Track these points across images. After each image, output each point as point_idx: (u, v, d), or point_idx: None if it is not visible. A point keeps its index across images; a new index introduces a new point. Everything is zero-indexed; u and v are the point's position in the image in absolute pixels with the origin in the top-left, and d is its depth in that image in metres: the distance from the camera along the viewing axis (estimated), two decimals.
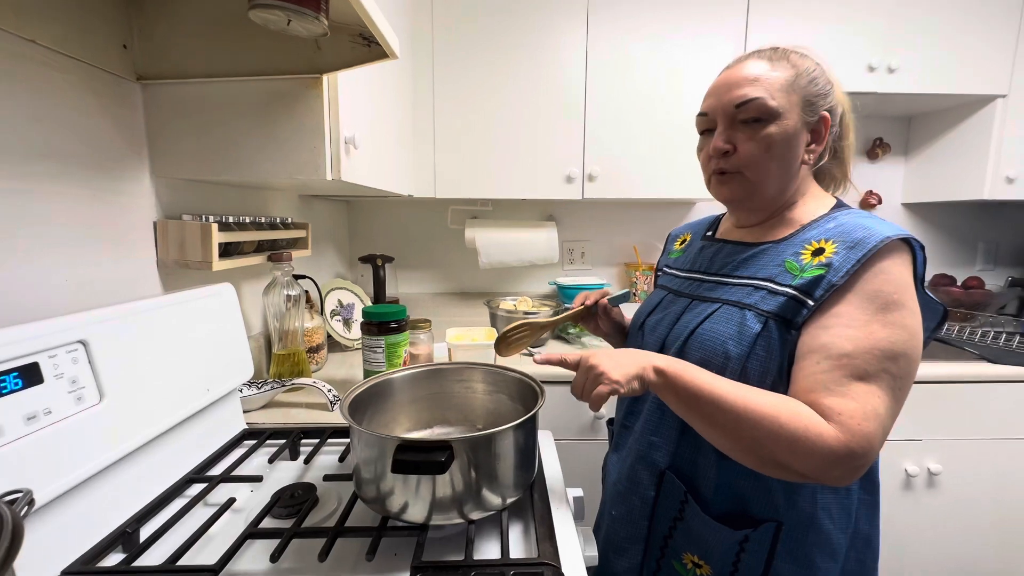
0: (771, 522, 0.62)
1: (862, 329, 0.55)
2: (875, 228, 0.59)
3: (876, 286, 0.56)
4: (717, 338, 0.63)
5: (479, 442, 0.55)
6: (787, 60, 0.65)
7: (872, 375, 0.54)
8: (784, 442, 0.53)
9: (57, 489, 0.49)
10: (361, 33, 0.70)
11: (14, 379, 0.47)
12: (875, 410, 0.53)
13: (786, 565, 0.62)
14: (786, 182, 0.66)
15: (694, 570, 0.67)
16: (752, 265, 0.67)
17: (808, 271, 0.60)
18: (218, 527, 0.59)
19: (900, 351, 0.55)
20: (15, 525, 0.25)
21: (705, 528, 0.64)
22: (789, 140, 0.63)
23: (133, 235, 0.79)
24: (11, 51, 0.59)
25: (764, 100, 0.62)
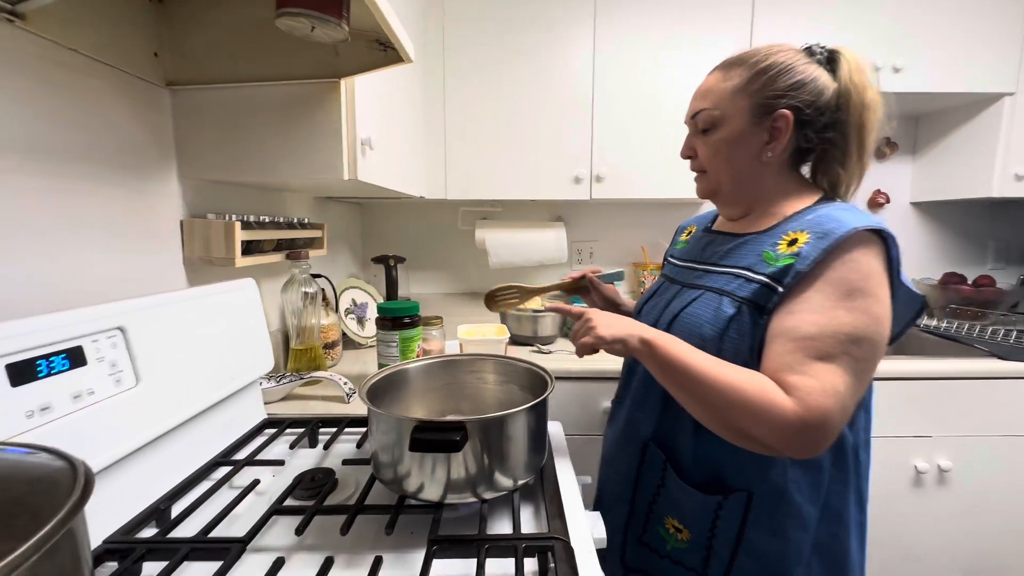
0: (743, 492, 0.66)
1: (826, 314, 0.58)
2: (846, 219, 0.61)
3: (842, 274, 0.59)
4: (695, 321, 0.68)
5: (491, 424, 0.58)
6: (743, 65, 0.69)
7: (834, 356, 0.57)
8: (746, 411, 0.58)
9: (98, 464, 0.53)
10: (378, 39, 0.74)
11: (62, 360, 0.51)
12: (834, 388, 0.56)
13: (758, 533, 0.66)
14: (746, 180, 0.71)
15: (675, 534, 0.72)
16: (735, 255, 0.71)
17: (780, 260, 0.63)
18: (243, 507, 0.63)
19: (862, 335, 0.58)
20: (87, 472, 0.28)
21: (683, 494, 0.70)
22: (734, 142, 0.69)
23: (161, 232, 0.83)
24: (55, 59, 0.63)
25: (708, 111, 0.71)
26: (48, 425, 0.48)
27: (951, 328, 1.58)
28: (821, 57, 0.69)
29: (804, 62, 0.67)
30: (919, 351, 1.60)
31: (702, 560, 0.70)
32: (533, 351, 1.39)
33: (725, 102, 0.69)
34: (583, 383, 1.23)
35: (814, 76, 0.67)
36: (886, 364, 1.28)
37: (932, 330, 1.61)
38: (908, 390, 1.28)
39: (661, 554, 0.74)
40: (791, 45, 0.70)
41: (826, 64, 0.69)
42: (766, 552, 0.66)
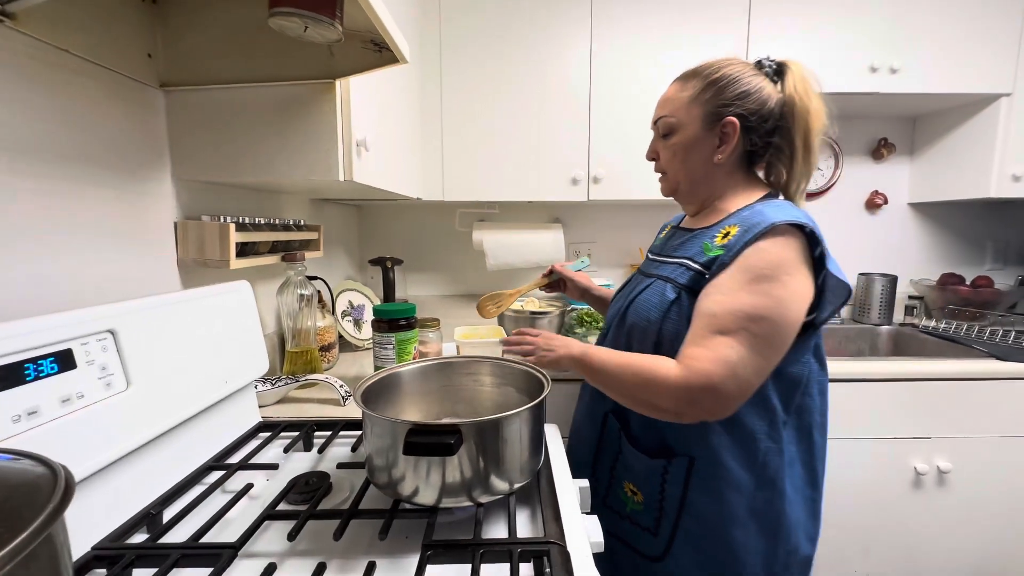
0: (684, 456, 0.75)
1: (730, 295, 0.67)
2: (770, 215, 0.69)
3: (751, 262, 0.67)
4: (645, 306, 0.79)
5: (487, 427, 0.57)
6: (698, 77, 0.78)
7: (731, 331, 0.65)
8: (643, 386, 0.69)
9: (88, 469, 0.52)
10: (373, 39, 0.74)
11: (51, 363, 0.50)
12: (724, 357, 0.64)
13: (698, 495, 0.75)
14: (700, 179, 0.81)
15: (632, 496, 0.82)
16: (685, 247, 0.81)
17: (712, 251, 0.72)
18: (236, 511, 0.62)
19: (762, 315, 0.65)
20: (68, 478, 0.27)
21: (635, 459, 0.80)
22: (689, 146, 0.79)
23: (155, 234, 0.82)
24: (47, 60, 0.63)
25: (666, 118, 0.80)
26: (35, 430, 0.47)
27: (949, 329, 1.58)
28: (769, 69, 0.77)
29: (751, 74, 0.76)
30: (918, 352, 1.59)
31: (655, 520, 0.79)
32: None
33: (681, 110, 0.79)
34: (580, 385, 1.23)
35: (759, 87, 0.75)
36: (883, 365, 1.28)
37: (930, 331, 1.61)
38: (907, 391, 1.28)
39: (622, 515, 0.83)
40: (742, 59, 0.79)
41: (774, 76, 0.77)
42: (705, 513, 0.74)
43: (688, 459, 0.74)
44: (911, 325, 1.71)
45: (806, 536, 0.78)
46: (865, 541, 1.33)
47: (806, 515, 0.78)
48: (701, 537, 0.75)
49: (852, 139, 1.86)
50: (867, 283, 1.77)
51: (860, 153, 1.87)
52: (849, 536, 1.33)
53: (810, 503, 0.78)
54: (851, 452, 1.29)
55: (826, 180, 1.86)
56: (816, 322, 0.70)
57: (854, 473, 1.30)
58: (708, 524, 0.74)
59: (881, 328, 1.74)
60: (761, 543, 0.75)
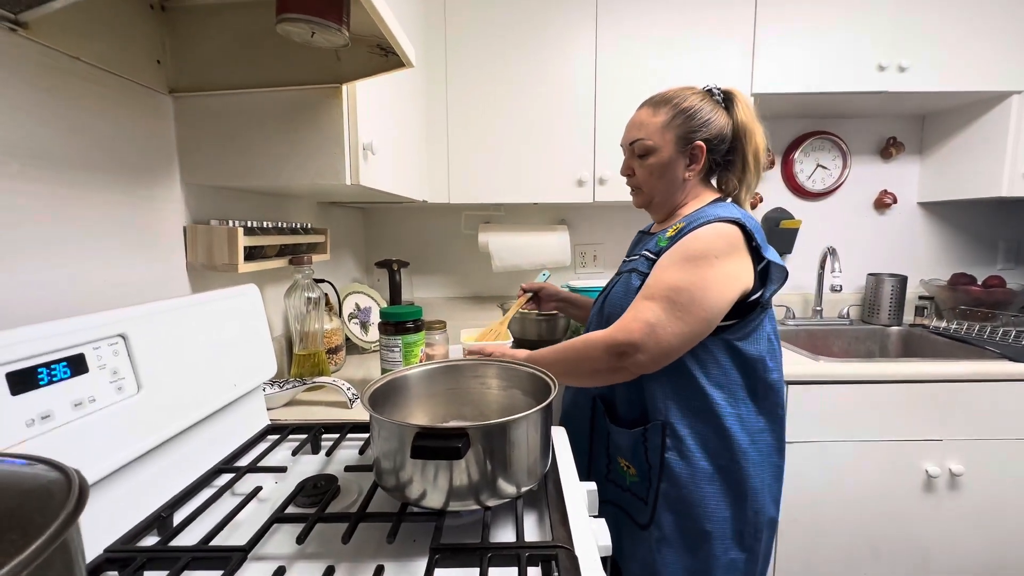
0: (658, 422, 0.85)
1: (661, 271, 0.81)
2: (711, 213, 0.83)
3: (684, 246, 0.80)
4: (616, 296, 0.90)
5: (494, 430, 0.57)
6: (668, 105, 0.89)
7: (655, 298, 0.78)
8: (581, 358, 0.82)
9: (99, 472, 0.53)
10: (379, 44, 0.74)
11: (63, 368, 0.50)
12: (643, 317, 0.78)
13: (673, 456, 0.84)
14: (671, 193, 0.92)
15: (627, 470, 0.91)
16: (646, 245, 0.93)
17: (663, 242, 0.86)
18: (245, 514, 0.62)
19: (684, 287, 0.77)
20: (82, 483, 0.27)
21: (619, 435, 0.91)
22: (665, 166, 0.89)
23: (164, 239, 0.83)
24: (57, 67, 0.63)
25: (643, 141, 0.90)
26: (49, 434, 0.48)
27: (961, 330, 1.56)
28: (719, 98, 0.90)
29: (709, 104, 0.88)
30: (929, 353, 1.58)
31: (647, 490, 0.88)
32: None
33: (656, 135, 0.89)
34: None
35: (717, 114, 0.88)
36: (894, 367, 1.27)
37: (942, 332, 1.59)
38: (917, 392, 1.26)
39: (624, 488, 0.92)
40: (697, 88, 0.91)
41: (723, 103, 0.90)
42: (680, 475, 0.83)
43: (661, 424, 0.84)
44: (922, 326, 1.69)
45: (772, 499, 0.87)
46: (875, 545, 1.32)
47: (772, 479, 0.86)
48: (677, 500, 0.84)
49: (860, 138, 1.84)
50: (876, 283, 1.76)
51: (868, 152, 1.86)
52: (859, 539, 1.31)
53: (776, 469, 0.88)
54: (861, 455, 1.28)
55: (834, 180, 1.85)
56: (761, 300, 0.82)
57: (864, 476, 1.29)
58: (681, 484, 0.83)
59: (891, 329, 1.72)
60: (729, 502, 0.83)
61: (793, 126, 1.84)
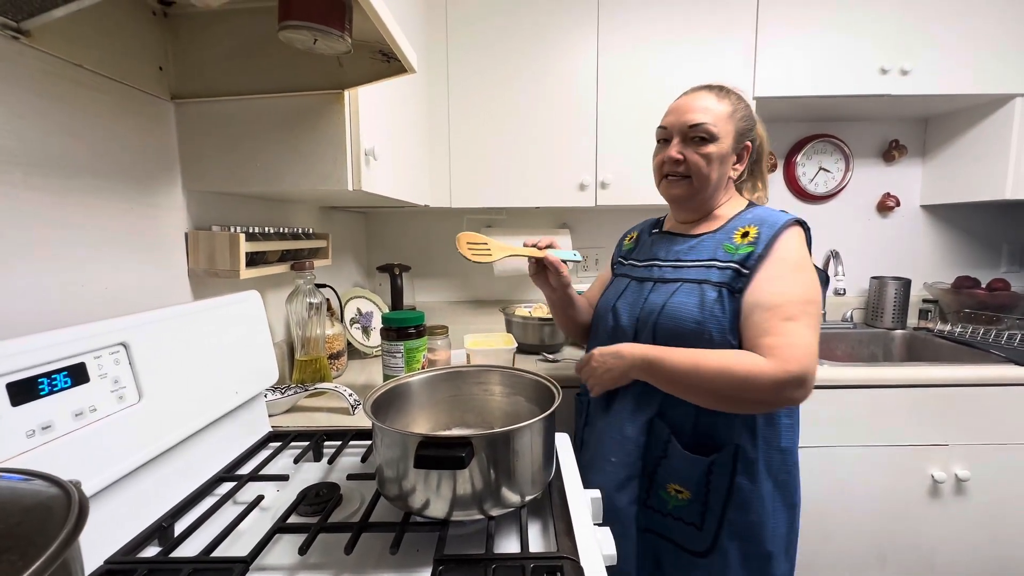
0: (731, 446, 0.80)
1: (779, 284, 0.77)
2: (780, 214, 0.84)
3: (784, 254, 0.79)
4: (683, 308, 0.82)
5: (498, 439, 0.57)
6: (729, 99, 0.87)
7: (796, 317, 0.75)
8: (740, 385, 0.74)
9: (101, 483, 0.52)
10: (381, 50, 0.74)
11: (64, 378, 0.50)
12: (801, 340, 0.74)
13: (742, 480, 0.80)
14: (717, 189, 0.89)
15: (676, 495, 0.85)
16: (697, 251, 0.88)
17: (741, 249, 0.82)
18: (247, 523, 0.62)
19: (810, 297, 0.77)
20: (81, 500, 0.27)
21: (683, 461, 0.83)
22: (723, 158, 0.86)
23: (166, 245, 0.83)
24: (60, 74, 0.63)
25: (710, 125, 0.84)
26: (49, 444, 0.47)
27: (965, 333, 1.55)
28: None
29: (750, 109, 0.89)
30: (933, 357, 1.57)
31: (700, 515, 0.83)
32: (540, 360, 1.38)
33: (721, 123, 0.85)
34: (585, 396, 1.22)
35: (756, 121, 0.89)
36: (898, 371, 1.26)
37: (946, 335, 1.58)
38: (922, 397, 1.25)
39: (664, 513, 0.86)
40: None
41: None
42: (748, 497, 0.80)
43: (734, 447, 0.80)
44: (925, 329, 1.69)
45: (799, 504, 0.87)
46: (882, 550, 1.31)
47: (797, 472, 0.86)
48: (744, 526, 0.80)
49: (863, 141, 1.84)
50: (880, 286, 1.75)
51: (871, 155, 1.85)
52: (866, 545, 1.30)
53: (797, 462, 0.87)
54: (867, 460, 1.27)
55: (836, 183, 1.84)
56: None
57: (870, 481, 1.28)
58: (750, 509, 0.80)
59: (895, 332, 1.71)
60: (783, 517, 0.83)
61: (795, 129, 1.84)
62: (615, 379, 0.85)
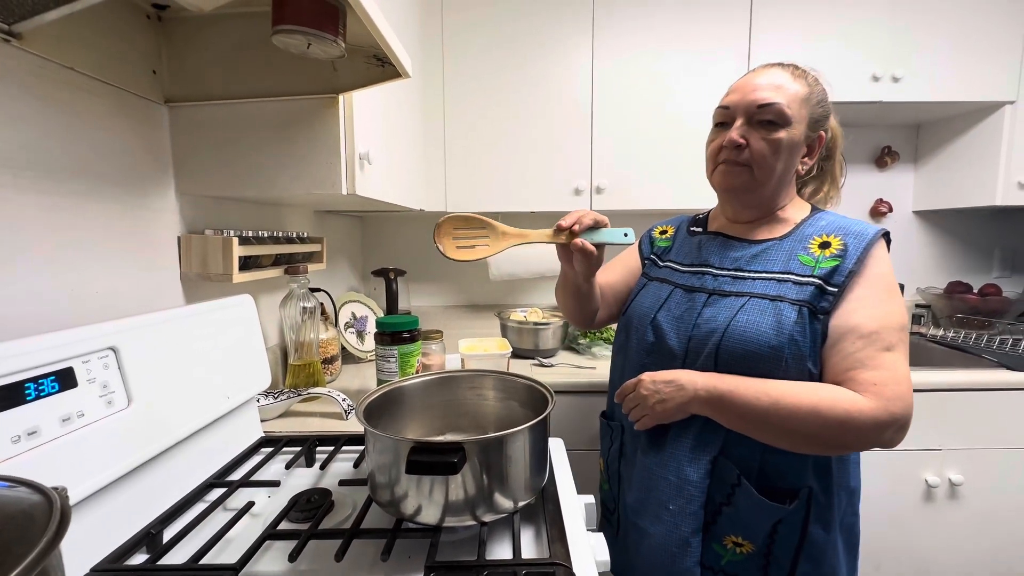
0: (804, 489, 0.69)
1: (880, 308, 0.66)
2: (863, 224, 0.72)
3: (879, 271, 0.68)
4: (755, 329, 0.68)
5: (491, 444, 0.56)
6: (805, 79, 0.73)
7: (894, 345, 0.65)
8: (835, 428, 0.62)
9: (88, 489, 0.51)
10: (375, 54, 0.74)
11: (51, 382, 0.49)
12: (904, 375, 0.65)
13: (816, 529, 0.69)
14: (783, 183, 0.76)
15: (734, 549, 0.71)
16: (764, 260, 0.74)
17: (824, 262, 0.69)
18: (237, 530, 0.61)
19: (904, 322, 0.67)
20: (63, 507, 0.27)
21: (753, 509, 0.69)
22: (793, 147, 0.73)
23: (158, 249, 0.82)
24: (52, 77, 0.63)
25: (783, 107, 0.70)
26: (35, 450, 0.47)
27: (958, 338, 1.56)
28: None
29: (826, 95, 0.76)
30: (926, 362, 1.57)
31: (760, 569, 0.70)
32: (534, 364, 1.37)
33: (795, 105, 0.71)
34: (584, 396, 1.22)
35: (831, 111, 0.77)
36: None
37: (939, 340, 1.59)
38: (917, 401, 1.24)
39: (716, 570, 0.72)
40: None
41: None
42: (820, 545, 0.69)
43: (808, 491, 0.69)
44: (918, 334, 1.69)
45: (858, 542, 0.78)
46: (876, 555, 1.31)
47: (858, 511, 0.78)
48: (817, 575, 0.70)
49: (855, 147, 1.85)
50: None
51: (863, 161, 1.87)
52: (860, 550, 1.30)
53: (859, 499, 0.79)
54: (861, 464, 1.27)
55: None
56: None
57: (864, 485, 1.27)
58: (823, 561, 0.70)
59: None
60: (847, 558, 0.74)
61: None
62: (669, 412, 0.71)
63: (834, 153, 0.82)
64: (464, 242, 0.73)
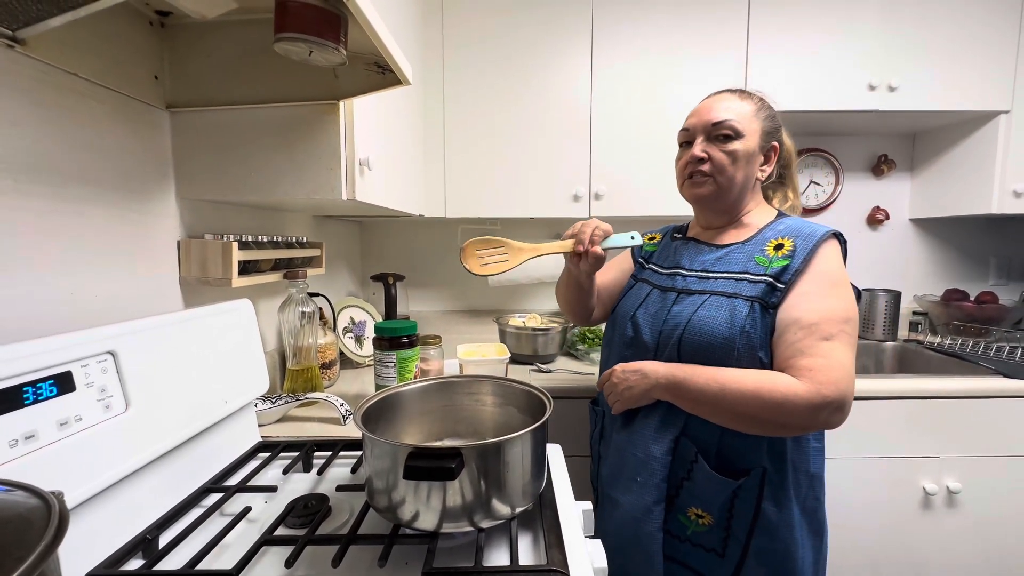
0: (758, 468, 0.76)
1: (819, 301, 0.73)
2: (816, 226, 0.80)
3: (823, 268, 0.75)
4: (712, 322, 0.77)
5: (488, 450, 0.56)
6: (751, 98, 0.85)
7: (834, 335, 0.71)
8: (773, 410, 0.70)
9: (84, 493, 0.51)
10: (376, 62, 0.75)
11: (50, 386, 0.49)
12: (840, 362, 0.70)
13: (769, 505, 0.76)
14: (745, 191, 0.85)
15: (697, 520, 0.80)
16: (726, 262, 0.83)
17: (776, 262, 0.77)
18: (233, 535, 0.61)
19: (849, 315, 0.73)
20: (62, 511, 0.27)
21: (709, 483, 0.78)
22: (749, 156, 0.82)
23: (158, 253, 0.82)
24: (55, 83, 0.63)
25: (734, 122, 0.82)
26: (33, 454, 0.47)
27: (955, 345, 1.57)
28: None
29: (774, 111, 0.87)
30: (923, 369, 1.58)
31: (721, 541, 0.79)
32: (533, 370, 1.37)
33: (745, 120, 0.82)
34: (583, 402, 1.22)
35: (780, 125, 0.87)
36: (890, 383, 1.27)
37: (936, 347, 1.60)
38: (914, 409, 1.26)
39: (682, 538, 0.82)
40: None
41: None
42: (774, 523, 0.76)
43: (761, 470, 0.76)
44: (916, 341, 1.70)
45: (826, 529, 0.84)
46: (875, 563, 1.30)
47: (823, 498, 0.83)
48: (772, 554, 0.77)
49: (852, 155, 1.86)
50: (871, 299, 1.76)
51: (860, 169, 1.88)
52: (858, 558, 1.30)
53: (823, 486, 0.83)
54: (859, 472, 1.27)
55: (827, 196, 1.86)
56: None
57: (862, 493, 1.28)
58: (778, 537, 0.76)
59: (886, 344, 1.73)
60: (811, 544, 0.79)
61: None
62: (636, 398, 0.81)
63: (791, 163, 0.91)
64: (487, 260, 0.86)
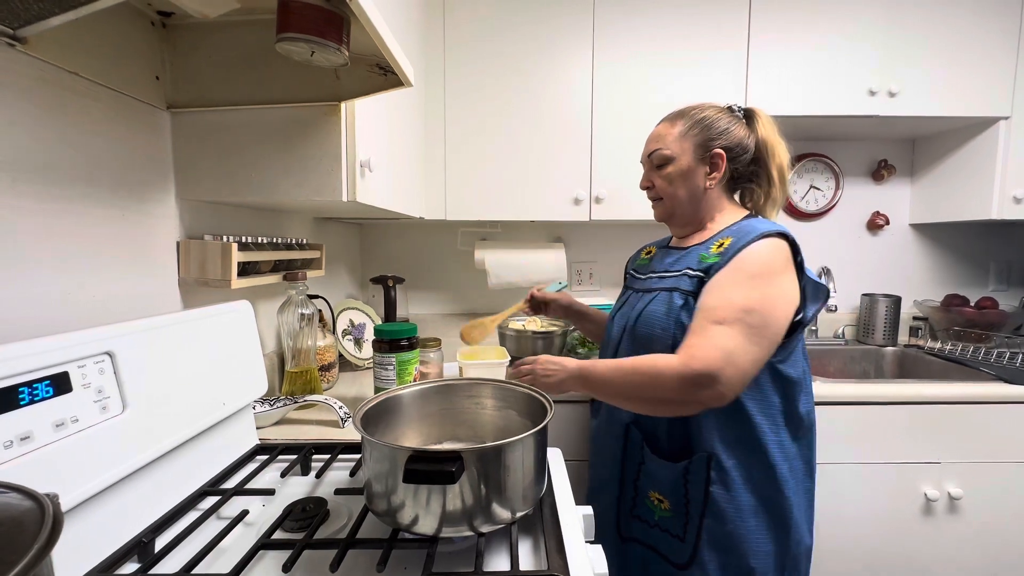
0: (703, 453, 0.80)
1: (725, 290, 0.76)
2: (758, 227, 0.80)
3: (744, 262, 0.77)
4: (654, 315, 0.85)
5: (489, 454, 0.56)
6: (683, 117, 0.90)
7: (728, 322, 0.73)
8: (648, 383, 0.75)
9: (80, 495, 0.51)
10: (378, 63, 0.74)
11: (46, 387, 0.49)
12: (721, 345, 0.71)
13: (718, 489, 0.80)
14: (694, 203, 0.90)
15: (659, 505, 0.86)
16: (681, 261, 0.89)
17: (711, 258, 0.82)
18: (230, 539, 0.60)
19: (754, 307, 0.73)
20: (55, 513, 0.26)
21: (658, 467, 0.85)
22: (684, 174, 0.89)
23: (157, 254, 0.82)
24: (55, 82, 0.63)
25: (661, 150, 0.90)
26: (28, 456, 0.46)
27: (955, 351, 1.57)
28: (739, 114, 0.91)
29: (728, 117, 0.89)
30: (924, 374, 1.57)
31: (682, 527, 0.83)
32: None
33: (674, 144, 0.89)
34: (583, 406, 1.21)
35: (736, 127, 0.88)
36: (890, 388, 1.26)
37: (937, 352, 1.59)
38: (915, 414, 1.26)
39: (651, 523, 0.87)
40: (717, 103, 0.92)
41: (743, 119, 0.90)
42: (725, 509, 0.79)
43: (707, 456, 0.80)
44: (916, 346, 1.70)
45: (808, 526, 0.85)
46: (875, 569, 1.29)
47: (807, 505, 0.85)
48: (722, 536, 0.79)
49: (852, 161, 1.87)
50: (871, 303, 1.76)
51: (860, 174, 1.88)
52: (859, 564, 1.29)
53: (810, 494, 0.86)
54: (860, 477, 1.27)
55: (827, 201, 1.87)
56: (803, 322, 0.79)
57: (863, 499, 1.27)
58: (727, 520, 0.79)
59: (886, 349, 1.72)
60: (772, 535, 0.80)
61: None
62: (552, 386, 0.87)
63: (764, 157, 0.89)
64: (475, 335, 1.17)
